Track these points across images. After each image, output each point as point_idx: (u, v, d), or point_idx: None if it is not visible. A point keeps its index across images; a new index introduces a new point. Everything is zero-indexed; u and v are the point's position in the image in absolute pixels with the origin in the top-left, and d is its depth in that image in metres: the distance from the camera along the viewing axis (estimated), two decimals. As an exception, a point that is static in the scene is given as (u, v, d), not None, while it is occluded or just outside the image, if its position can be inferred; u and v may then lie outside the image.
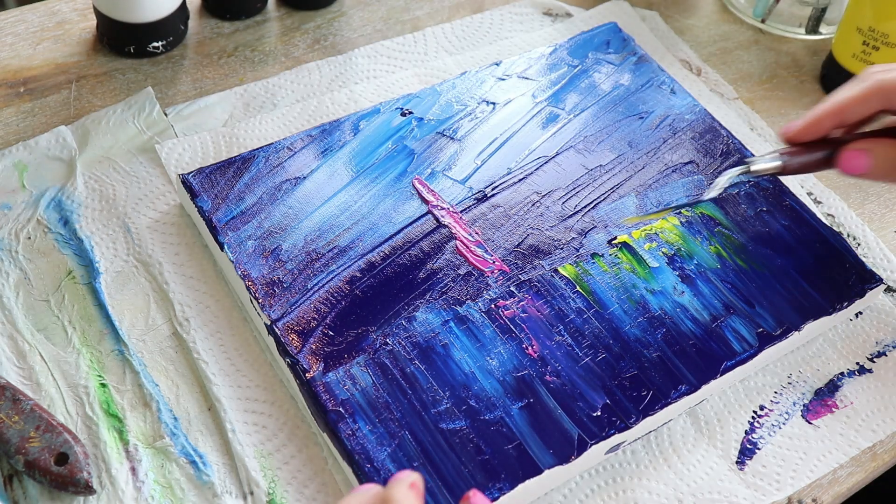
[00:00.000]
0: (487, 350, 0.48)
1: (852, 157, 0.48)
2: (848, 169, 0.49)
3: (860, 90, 0.48)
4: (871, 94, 0.48)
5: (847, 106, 0.48)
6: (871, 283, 0.53)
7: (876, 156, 0.48)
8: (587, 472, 0.48)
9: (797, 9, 0.73)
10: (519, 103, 0.61)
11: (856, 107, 0.48)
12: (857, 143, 0.49)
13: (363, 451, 0.44)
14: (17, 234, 0.53)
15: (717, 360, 0.49)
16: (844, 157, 0.48)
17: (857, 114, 0.49)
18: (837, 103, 0.48)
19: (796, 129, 0.50)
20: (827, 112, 0.49)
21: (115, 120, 0.60)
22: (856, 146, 0.48)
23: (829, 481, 0.49)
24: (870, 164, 0.48)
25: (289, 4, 0.70)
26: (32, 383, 0.48)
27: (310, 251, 0.51)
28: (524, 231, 0.54)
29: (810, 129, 0.49)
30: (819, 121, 0.49)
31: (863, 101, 0.48)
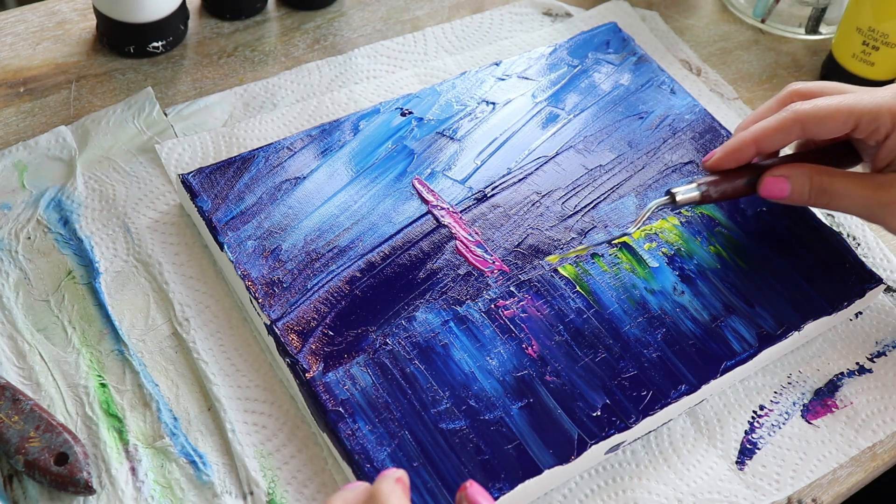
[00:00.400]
0: (487, 350, 0.48)
1: (772, 184, 0.50)
2: (768, 195, 0.50)
3: (778, 121, 0.49)
4: (789, 125, 0.49)
5: (766, 136, 0.49)
6: (871, 283, 0.53)
7: (794, 181, 0.49)
8: (587, 472, 0.48)
9: (797, 9, 0.73)
10: (519, 103, 0.61)
11: (774, 136, 0.49)
12: (776, 169, 0.50)
13: (363, 451, 0.44)
14: (17, 234, 0.53)
15: (716, 360, 0.49)
16: (765, 185, 0.50)
17: (777, 143, 0.50)
18: (757, 133, 0.50)
19: (716, 158, 0.51)
20: (746, 141, 0.50)
21: (115, 120, 0.60)
22: (774, 173, 0.50)
23: (829, 481, 0.49)
24: (789, 189, 0.50)
25: (289, 4, 0.70)
26: (32, 383, 0.48)
27: (310, 251, 0.51)
28: (524, 231, 0.54)
29: (730, 158, 0.51)
30: (738, 150, 0.50)
31: (782, 130, 0.49)
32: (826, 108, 0.49)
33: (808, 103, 0.49)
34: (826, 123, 0.49)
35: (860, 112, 0.48)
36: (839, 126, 0.49)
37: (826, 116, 0.49)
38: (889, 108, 0.48)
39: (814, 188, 0.49)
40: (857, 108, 0.48)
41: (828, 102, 0.49)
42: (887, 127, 0.48)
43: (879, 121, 0.48)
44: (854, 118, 0.48)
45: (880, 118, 0.48)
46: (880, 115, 0.48)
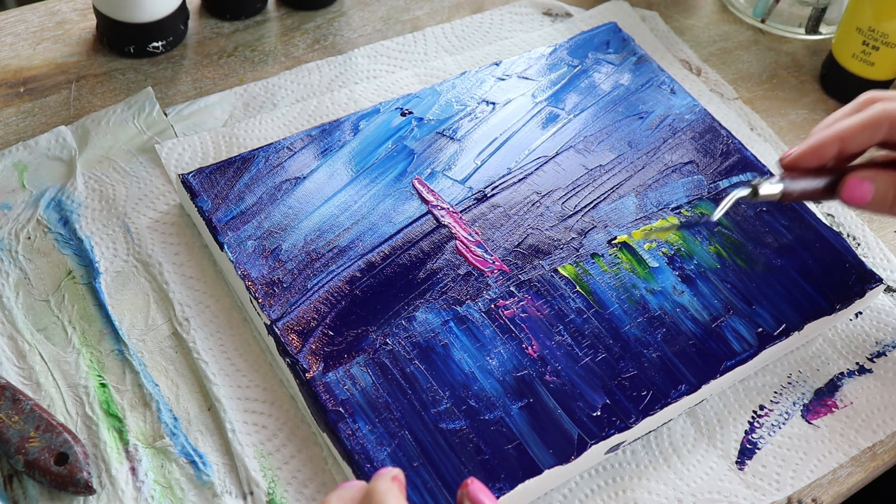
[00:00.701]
0: (487, 350, 0.48)
1: (855, 186, 0.47)
2: (850, 199, 0.48)
3: (867, 118, 0.47)
4: (878, 123, 0.47)
5: (852, 133, 0.47)
6: (871, 283, 0.53)
7: (878, 185, 0.47)
8: (587, 472, 0.48)
9: (797, 9, 0.73)
10: (519, 103, 0.61)
11: (861, 135, 0.47)
12: (861, 171, 0.47)
13: (363, 451, 0.44)
14: (17, 234, 0.53)
15: (717, 360, 0.49)
16: (847, 186, 0.47)
17: (862, 143, 0.47)
18: (841, 130, 0.47)
19: (796, 154, 0.48)
20: (830, 138, 0.47)
21: (115, 120, 0.60)
22: (859, 175, 0.47)
23: (829, 481, 0.49)
24: (872, 193, 0.47)
25: (289, 4, 0.70)
26: (32, 383, 0.48)
27: (310, 251, 0.51)
28: (524, 231, 0.54)
29: (812, 155, 0.48)
30: (821, 147, 0.47)
31: (869, 129, 0.47)
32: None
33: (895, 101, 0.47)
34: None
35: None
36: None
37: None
38: None
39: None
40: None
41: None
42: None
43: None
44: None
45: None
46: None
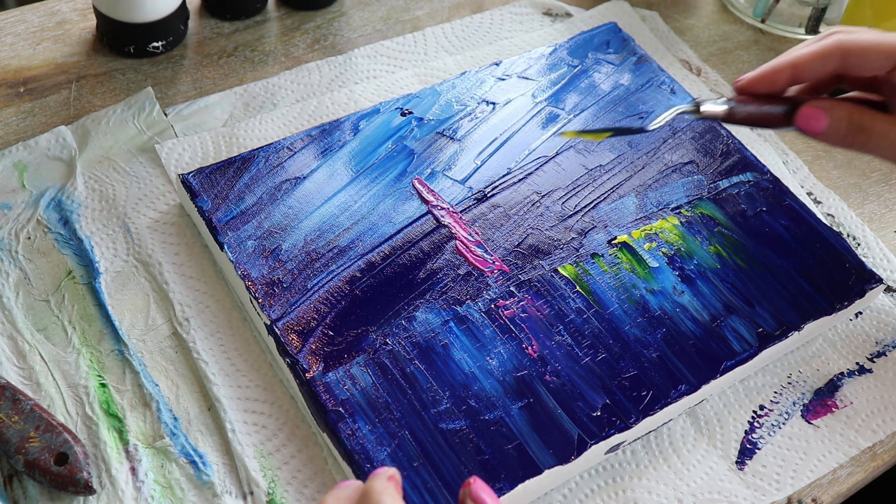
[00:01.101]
0: (487, 350, 0.48)
1: (810, 115, 0.47)
2: (804, 126, 0.48)
3: (819, 47, 0.47)
4: (830, 53, 0.47)
5: (804, 61, 0.47)
6: (871, 283, 0.53)
7: (833, 116, 0.47)
8: (587, 472, 0.48)
9: (797, 9, 0.73)
10: (519, 103, 0.61)
11: (813, 63, 0.47)
12: (817, 101, 0.48)
13: (363, 451, 0.44)
14: (17, 234, 0.53)
15: (716, 360, 0.49)
16: (801, 115, 0.48)
17: (814, 71, 0.48)
18: (795, 58, 0.47)
19: (749, 78, 0.48)
20: (783, 65, 0.48)
21: (115, 120, 0.60)
22: (815, 104, 0.48)
23: (829, 481, 0.49)
24: (827, 123, 0.47)
25: (289, 4, 0.70)
26: (32, 383, 0.48)
27: (310, 251, 0.51)
28: (524, 231, 0.54)
29: (764, 80, 0.48)
30: (774, 72, 0.48)
31: (821, 58, 0.47)
32: (870, 42, 0.47)
33: (852, 35, 0.47)
34: (868, 56, 0.47)
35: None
36: (881, 61, 0.47)
37: (870, 49, 0.46)
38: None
39: (853, 124, 0.47)
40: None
41: (872, 36, 0.47)
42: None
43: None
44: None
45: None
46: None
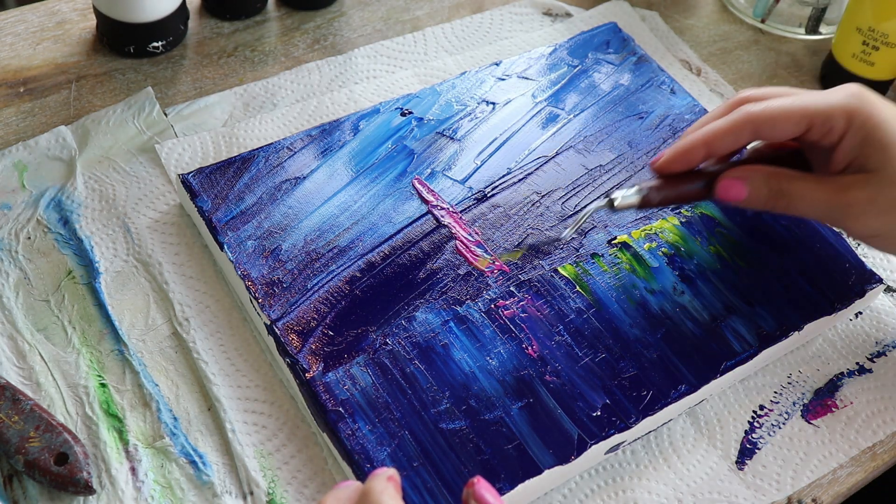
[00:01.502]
0: (487, 350, 0.48)
1: (729, 186, 0.48)
2: (725, 197, 0.48)
3: (730, 122, 0.48)
4: (741, 127, 0.47)
5: (716, 137, 0.48)
6: (871, 283, 0.53)
7: (751, 183, 0.48)
8: (587, 472, 0.48)
9: (797, 9, 0.73)
10: (519, 103, 0.61)
11: (725, 138, 0.48)
12: (734, 171, 0.48)
13: (363, 451, 0.44)
14: (17, 234, 0.53)
15: (716, 360, 0.49)
16: (721, 186, 0.48)
17: (728, 145, 0.48)
18: (707, 134, 0.48)
19: (665, 159, 0.49)
20: (697, 142, 0.48)
21: (115, 120, 0.60)
22: (732, 174, 0.48)
23: (829, 481, 0.49)
24: (747, 191, 0.48)
25: (289, 4, 0.70)
26: (32, 383, 0.48)
27: (310, 251, 0.51)
28: (524, 231, 0.54)
29: (680, 159, 0.49)
30: (688, 151, 0.48)
31: (732, 133, 0.48)
32: (779, 109, 0.47)
33: (760, 104, 0.48)
34: (778, 124, 0.47)
35: (813, 112, 0.47)
36: (792, 127, 0.47)
37: (779, 117, 0.47)
38: (842, 107, 0.47)
39: (772, 190, 0.48)
40: (810, 108, 0.47)
41: (780, 103, 0.48)
42: (841, 127, 0.47)
43: (833, 121, 0.47)
44: (807, 119, 0.47)
45: (833, 118, 0.47)
46: (833, 115, 0.47)
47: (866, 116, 0.46)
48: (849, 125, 0.47)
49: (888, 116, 0.47)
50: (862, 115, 0.47)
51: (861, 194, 0.47)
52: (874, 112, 0.47)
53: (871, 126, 0.46)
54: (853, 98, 0.47)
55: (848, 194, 0.47)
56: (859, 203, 0.47)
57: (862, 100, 0.47)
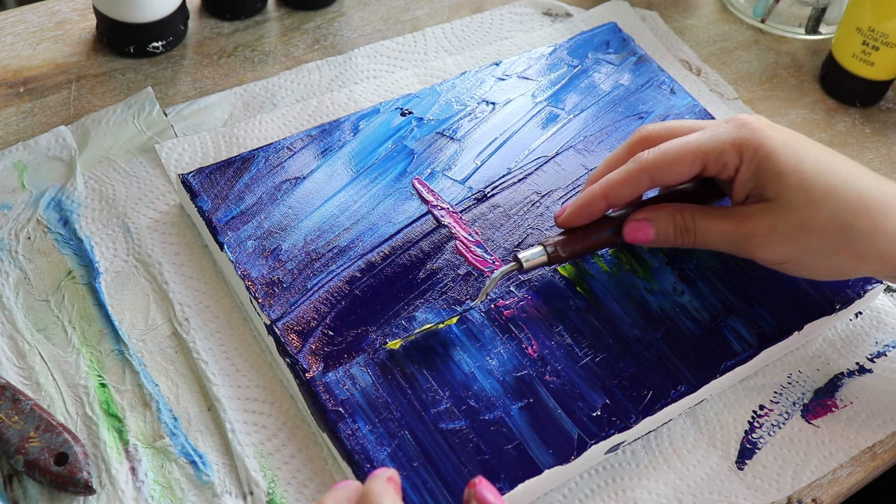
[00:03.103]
0: (487, 350, 0.48)
1: (635, 229, 0.49)
2: (633, 240, 0.49)
3: (626, 173, 0.48)
4: (637, 177, 0.48)
5: (614, 189, 0.49)
6: (871, 283, 0.53)
7: (657, 224, 0.49)
8: (587, 472, 0.48)
9: (797, 9, 0.73)
10: (519, 103, 0.61)
11: (624, 189, 0.48)
12: (638, 213, 0.49)
13: (363, 451, 0.44)
14: (17, 234, 0.54)
15: (716, 360, 0.49)
16: (628, 230, 0.49)
17: (627, 195, 0.49)
18: (605, 187, 0.49)
19: (567, 214, 0.50)
20: (596, 195, 0.49)
21: (115, 120, 0.60)
22: (637, 216, 0.49)
23: (829, 481, 0.49)
24: (654, 232, 0.49)
25: (289, 4, 0.70)
26: (32, 383, 0.48)
27: (310, 251, 0.51)
28: (524, 231, 0.54)
29: (582, 214, 0.49)
30: (589, 204, 0.49)
31: (630, 183, 0.48)
32: (671, 154, 0.48)
33: (653, 151, 0.48)
34: (673, 169, 0.48)
35: (705, 151, 0.47)
36: (686, 169, 0.48)
37: (672, 162, 0.48)
38: (732, 142, 0.47)
39: (678, 228, 0.48)
40: (702, 148, 0.47)
41: (671, 147, 0.48)
42: (735, 161, 0.47)
43: (726, 157, 0.47)
44: (700, 158, 0.47)
45: (725, 154, 0.47)
46: (724, 151, 0.47)
47: (756, 147, 0.47)
48: (741, 158, 0.47)
49: (779, 144, 0.47)
50: (752, 146, 0.47)
51: (762, 223, 0.47)
52: (764, 142, 0.47)
53: (761, 157, 0.47)
54: (742, 130, 0.47)
55: (749, 224, 0.47)
56: (761, 232, 0.47)
57: (751, 131, 0.47)
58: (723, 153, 0.47)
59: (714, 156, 0.47)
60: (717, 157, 0.47)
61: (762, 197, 0.47)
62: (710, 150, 0.47)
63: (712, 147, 0.47)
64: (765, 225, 0.47)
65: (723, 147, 0.47)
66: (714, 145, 0.47)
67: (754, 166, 0.47)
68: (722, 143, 0.47)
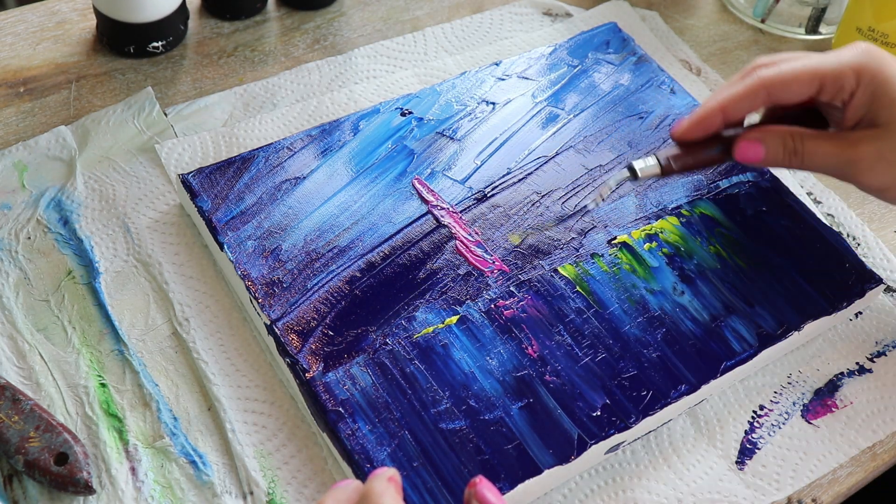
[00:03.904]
0: (487, 350, 0.48)
1: (747, 148, 0.50)
2: (744, 159, 0.50)
3: (744, 87, 0.49)
4: (755, 91, 0.49)
5: (732, 103, 0.49)
6: (871, 283, 0.53)
7: (767, 143, 0.49)
8: (587, 472, 0.48)
9: (797, 9, 0.73)
10: (519, 103, 0.61)
11: (741, 103, 0.49)
12: (750, 132, 0.50)
13: (363, 451, 0.44)
14: (17, 234, 0.54)
15: (716, 360, 0.49)
16: (740, 148, 0.50)
17: (743, 110, 0.50)
18: (723, 100, 0.49)
19: (684, 127, 0.50)
20: (713, 109, 0.50)
21: (115, 120, 0.60)
22: (749, 136, 0.50)
23: (829, 481, 0.49)
24: (764, 151, 0.49)
25: (289, 4, 0.70)
26: (32, 383, 0.48)
27: (310, 251, 0.51)
28: (524, 231, 0.54)
29: (698, 127, 0.50)
30: (706, 118, 0.50)
31: (747, 97, 0.49)
32: (790, 72, 0.49)
33: (772, 69, 0.49)
34: (791, 86, 0.49)
35: (823, 72, 0.48)
36: (804, 88, 0.49)
37: (790, 79, 0.49)
38: (851, 66, 0.48)
39: (787, 149, 0.49)
40: (821, 69, 0.48)
41: (791, 66, 0.49)
42: (852, 85, 0.48)
43: (843, 80, 0.48)
44: (818, 79, 0.48)
45: (843, 77, 0.48)
46: (843, 74, 0.48)
47: (875, 73, 0.48)
48: (858, 82, 0.48)
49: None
50: (871, 71, 0.48)
51: (870, 149, 0.48)
52: (883, 69, 0.48)
53: (879, 82, 0.48)
54: (863, 55, 0.48)
55: (858, 149, 0.48)
56: (868, 157, 0.48)
57: (871, 57, 0.48)
58: (841, 76, 0.48)
59: (832, 77, 0.48)
60: (834, 79, 0.48)
61: (874, 123, 0.48)
62: (828, 72, 0.48)
63: (831, 69, 0.48)
64: (872, 151, 0.48)
65: (842, 70, 0.48)
66: (833, 67, 0.48)
67: (870, 91, 0.48)
68: (841, 66, 0.48)
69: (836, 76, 0.48)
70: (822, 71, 0.48)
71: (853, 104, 0.49)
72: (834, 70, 0.48)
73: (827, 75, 0.48)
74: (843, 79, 0.48)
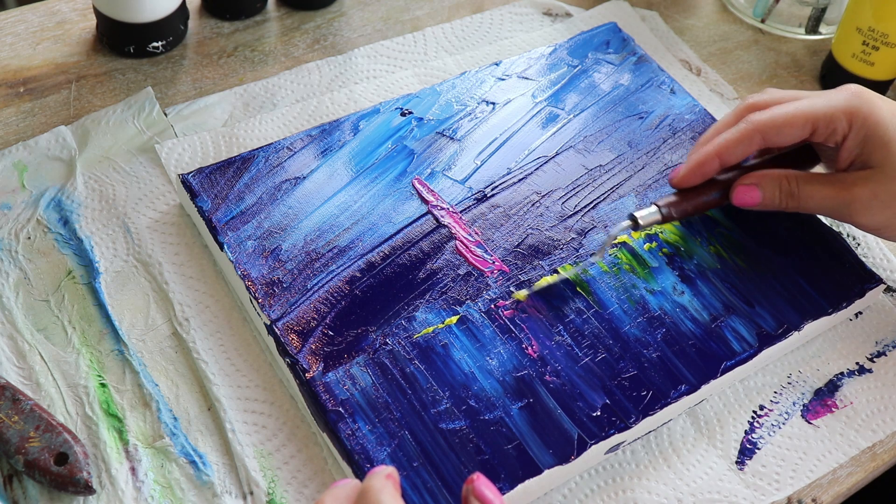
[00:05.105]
0: (487, 350, 0.48)
1: (744, 193, 0.51)
2: (741, 203, 0.52)
3: (740, 132, 0.50)
4: (750, 136, 0.50)
5: (728, 148, 0.51)
6: (871, 283, 0.53)
7: (764, 188, 0.51)
8: (587, 472, 0.48)
9: (797, 9, 0.73)
10: (519, 103, 0.61)
11: (737, 148, 0.51)
12: (746, 178, 0.52)
13: (363, 451, 0.44)
14: (17, 234, 0.54)
15: (716, 360, 0.49)
16: (737, 194, 0.52)
17: (739, 154, 0.51)
18: (719, 146, 0.51)
19: (683, 174, 0.52)
20: (710, 155, 0.51)
21: (114, 120, 0.60)
22: (746, 181, 0.52)
23: (829, 481, 0.49)
24: (760, 196, 0.51)
25: (289, 4, 0.70)
26: (32, 383, 0.48)
27: (310, 251, 0.51)
28: (524, 231, 0.54)
29: (696, 173, 0.52)
30: (703, 164, 0.51)
31: (743, 143, 0.51)
32: (783, 116, 0.50)
33: (766, 113, 0.50)
34: (784, 130, 0.50)
35: (816, 116, 0.49)
36: (797, 132, 0.50)
37: (784, 124, 0.50)
38: (843, 110, 0.49)
39: (783, 192, 0.51)
40: (813, 112, 0.50)
41: (784, 110, 0.50)
42: (844, 129, 0.49)
43: (835, 123, 0.49)
44: (811, 123, 0.50)
45: (835, 121, 0.49)
46: (835, 117, 0.49)
47: (866, 116, 0.49)
48: (850, 126, 0.49)
49: (887, 114, 0.49)
50: (862, 115, 0.49)
51: (864, 190, 0.50)
52: (874, 111, 0.49)
53: (870, 125, 0.49)
54: (854, 98, 0.50)
55: (852, 191, 0.50)
56: (863, 198, 0.50)
57: (862, 100, 0.50)
58: (833, 119, 0.49)
59: (825, 121, 0.49)
60: (827, 123, 0.49)
61: (866, 164, 0.50)
62: (821, 116, 0.49)
63: (824, 113, 0.49)
64: (867, 192, 0.49)
65: (834, 113, 0.49)
66: (826, 111, 0.49)
67: (862, 134, 0.49)
68: (833, 110, 0.49)
69: (828, 120, 0.49)
70: (815, 115, 0.49)
71: (846, 146, 0.50)
72: (826, 114, 0.49)
73: (819, 119, 0.49)
74: (835, 122, 0.49)
